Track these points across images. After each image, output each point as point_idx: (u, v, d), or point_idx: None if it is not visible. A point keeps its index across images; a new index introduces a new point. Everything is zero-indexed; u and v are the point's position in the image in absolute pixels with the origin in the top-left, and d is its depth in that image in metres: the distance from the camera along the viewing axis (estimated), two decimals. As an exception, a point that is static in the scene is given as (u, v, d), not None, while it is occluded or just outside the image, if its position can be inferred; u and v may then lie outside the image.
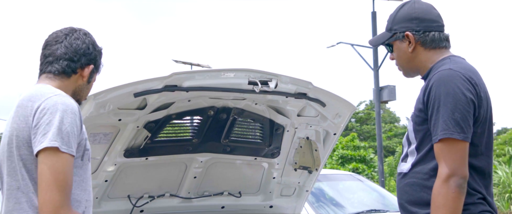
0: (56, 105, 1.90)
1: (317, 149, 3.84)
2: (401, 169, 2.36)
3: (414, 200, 2.29)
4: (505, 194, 13.72)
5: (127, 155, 3.40)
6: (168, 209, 3.82)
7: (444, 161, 2.16)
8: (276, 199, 4.09)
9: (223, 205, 3.98)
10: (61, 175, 1.84)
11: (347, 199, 8.02)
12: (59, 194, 1.83)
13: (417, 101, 2.34)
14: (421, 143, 2.28)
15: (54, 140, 1.85)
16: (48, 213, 1.82)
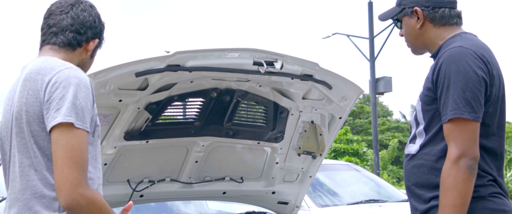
0: (69, 79, 1.81)
1: (322, 133, 3.75)
2: (409, 150, 2.27)
3: (422, 182, 2.22)
4: None
5: (127, 137, 3.29)
6: (168, 194, 3.72)
7: (453, 142, 2.09)
8: (279, 185, 3.99)
9: (225, 191, 3.88)
10: (77, 152, 1.75)
11: (344, 189, 7.94)
12: (76, 172, 1.74)
13: (426, 80, 2.26)
14: (430, 123, 2.20)
15: (68, 115, 1.76)
16: (67, 191, 1.73)
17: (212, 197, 3.94)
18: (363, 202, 7.29)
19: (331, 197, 7.58)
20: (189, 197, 3.84)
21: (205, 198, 3.98)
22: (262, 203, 4.10)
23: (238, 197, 3.99)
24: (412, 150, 2.25)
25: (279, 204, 4.08)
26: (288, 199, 4.06)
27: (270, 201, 4.05)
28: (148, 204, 3.84)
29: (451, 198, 2.07)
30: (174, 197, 3.78)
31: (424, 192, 2.23)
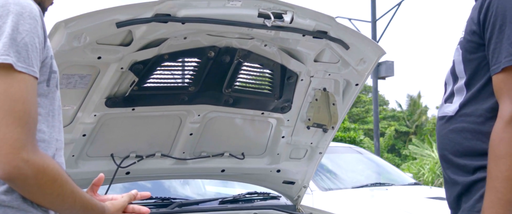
0: (7, 6, 1.33)
1: (335, 102, 3.27)
2: (445, 111, 1.93)
3: (463, 150, 1.86)
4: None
5: (109, 104, 2.80)
6: (158, 171, 3.24)
7: (508, 97, 1.71)
8: (285, 162, 3.51)
9: (224, 168, 3.40)
10: (19, 104, 1.30)
11: (348, 172, 7.51)
12: (18, 130, 1.29)
13: (468, 22, 1.86)
14: (474, 76, 1.84)
15: (5, 53, 1.29)
16: (5, 156, 1.27)
17: (209, 175, 3.46)
18: (368, 186, 6.86)
19: (335, 180, 7.14)
20: (183, 175, 3.36)
21: (201, 177, 3.50)
22: (265, 183, 3.62)
23: (238, 176, 3.52)
24: (449, 111, 1.91)
25: (285, 184, 3.61)
26: (294, 178, 3.59)
27: (274, 181, 3.58)
28: (135, 183, 3.35)
29: (504, 168, 1.70)
30: (165, 174, 3.30)
31: (467, 162, 1.85)
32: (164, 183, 3.77)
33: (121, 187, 3.32)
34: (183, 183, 3.96)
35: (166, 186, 3.78)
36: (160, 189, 3.70)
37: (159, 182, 3.69)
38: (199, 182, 4.13)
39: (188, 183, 4.07)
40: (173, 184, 3.84)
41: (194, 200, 3.46)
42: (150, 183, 3.58)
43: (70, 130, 2.78)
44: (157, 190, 3.63)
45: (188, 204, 3.33)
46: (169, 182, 3.80)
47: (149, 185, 3.57)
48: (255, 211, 3.43)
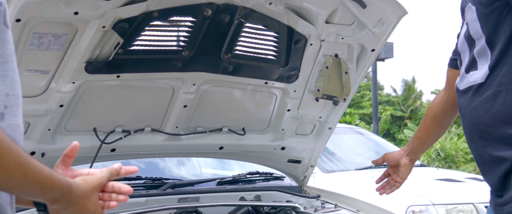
0: None
1: (348, 71, 2.89)
2: (470, 81, 1.68)
3: (505, 117, 1.58)
4: None
5: (90, 69, 2.42)
6: (148, 148, 2.87)
7: None
8: (290, 138, 3.15)
9: (222, 145, 3.03)
10: None
11: (350, 153, 7.17)
12: None
13: None
14: (495, 31, 1.58)
15: None
16: None
17: (205, 153, 3.09)
18: (372, 167, 6.51)
19: (337, 162, 6.80)
20: (176, 152, 2.99)
21: (197, 154, 3.13)
22: (268, 162, 3.26)
23: (238, 154, 3.15)
24: (477, 78, 1.65)
25: (290, 163, 3.25)
26: (301, 157, 3.23)
27: (278, 159, 3.22)
28: (122, 162, 2.98)
29: None
30: (156, 152, 2.93)
31: None
32: (155, 162, 3.40)
33: (101, 165, 2.94)
34: (176, 162, 3.59)
35: (157, 165, 3.41)
36: (151, 169, 3.34)
37: (149, 161, 3.32)
38: (194, 161, 3.76)
39: (182, 162, 3.70)
40: (166, 163, 3.47)
41: (189, 180, 3.10)
42: (139, 162, 3.21)
43: (44, 99, 2.41)
44: (147, 170, 3.26)
45: (182, 185, 2.97)
46: (161, 160, 3.43)
47: (138, 164, 3.20)
48: (257, 193, 3.07)
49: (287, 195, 3.14)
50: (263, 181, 3.33)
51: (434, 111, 2.23)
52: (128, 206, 2.66)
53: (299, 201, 3.16)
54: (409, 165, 2.33)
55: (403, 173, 2.35)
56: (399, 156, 2.34)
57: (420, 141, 2.31)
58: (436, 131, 2.27)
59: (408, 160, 2.33)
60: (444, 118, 2.21)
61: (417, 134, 2.31)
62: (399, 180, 2.38)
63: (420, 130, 2.30)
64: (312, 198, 3.21)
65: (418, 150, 2.33)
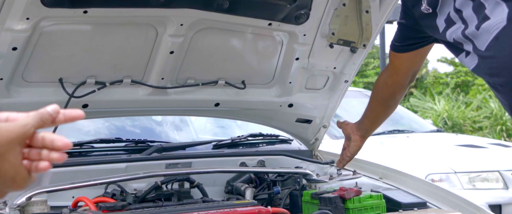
0: None
1: (369, 9, 2.39)
2: (492, 30, 1.63)
3: None
4: (496, 127, 13.30)
5: (48, 1, 1.92)
6: (128, 104, 2.38)
7: None
8: (299, 93, 2.66)
9: (218, 101, 2.55)
10: None
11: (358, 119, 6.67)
12: None
13: None
14: None
15: None
16: None
17: (197, 110, 2.60)
18: (385, 133, 6.03)
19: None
20: (162, 109, 2.51)
21: (187, 112, 2.64)
22: (273, 121, 2.78)
23: (237, 112, 2.67)
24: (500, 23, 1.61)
25: (299, 123, 2.77)
26: (311, 115, 2.74)
27: (285, 118, 2.73)
28: (95, 120, 2.51)
29: None
30: (137, 108, 2.44)
31: None
32: (137, 121, 2.91)
33: (78, 125, 2.47)
34: (163, 121, 3.10)
35: (140, 124, 2.93)
36: (132, 129, 2.86)
37: (130, 120, 2.84)
38: (189, 123, 3.28)
39: (176, 126, 3.22)
40: (152, 123, 2.99)
41: (179, 143, 2.62)
42: (117, 121, 2.72)
43: (-10, 40, 1.92)
44: (129, 130, 2.78)
45: (171, 148, 2.50)
46: (145, 119, 2.95)
47: (116, 123, 2.72)
48: (260, 158, 2.59)
49: (296, 160, 2.67)
50: (268, 144, 2.85)
51: (381, 96, 2.19)
52: (104, 174, 2.20)
53: (310, 167, 2.69)
54: (359, 141, 2.27)
55: (352, 149, 2.29)
56: (350, 130, 2.29)
57: (369, 120, 2.26)
58: (385, 112, 2.26)
59: (359, 136, 2.26)
60: (392, 101, 2.19)
61: (367, 113, 2.25)
62: (348, 154, 2.31)
63: (369, 110, 2.25)
64: (326, 164, 2.73)
65: (369, 129, 2.27)
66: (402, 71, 2.08)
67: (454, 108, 16.75)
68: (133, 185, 2.30)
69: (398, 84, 2.11)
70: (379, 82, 2.18)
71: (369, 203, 2.11)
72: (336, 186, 2.37)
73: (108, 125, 2.70)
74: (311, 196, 2.21)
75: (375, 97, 2.25)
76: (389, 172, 2.53)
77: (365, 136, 2.31)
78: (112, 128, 2.69)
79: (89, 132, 2.63)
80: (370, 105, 2.26)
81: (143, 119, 2.90)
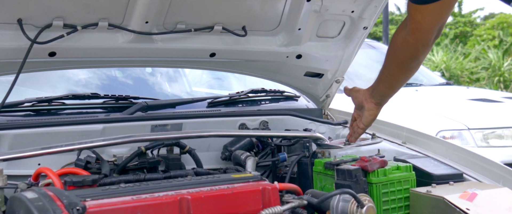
0: None
1: None
2: None
3: None
4: (494, 78, 13.16)
5: None
6: (106, 52, 1.97)
7: None
8: (309, 43, 2.26)
9: (214, 51, 2.14)
10: None
11: (365, 70, 6.27)
12: None
13: None
14: None
15: None
16: None
17: (189, 61, 2.20)
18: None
19: (350, 80, 5.92)
20: (147, 60, 2.10)
21: (177, 63, 2.23)
22: (278, 75, 2.39)
23: (236, 63, 2.27)
24: None
25: (308, 77, 2.38)
26: (323, 68, 2.35)
27: (292, 71, 2.35)
28: (66, 72, 2.10)
29: None
30: (117, 59, 2.03)
31: None
32: (118, 74, 2.51)
33: (44, 76, 2.07)
34: (159, 77, 2.70)
35: (121, 78, 2.52)
36: (112, 83, 2.45)
37: (109, 72, 2.43)
38: (179, 71, 2.87)
39: (168, 78, 2.82)
40: (135, 76, 2.58)
41: (167, 100, 2.23)
42: (92, 73, 2.32)
43: None
44: (108, 85, 2.38)
45: (157, 106, 2.11)
46: (127, 72, 2.54)
47: (91, 75, 2.32)
48: (262, 118, 2.21)
49: (304, 120, 2.29)
50: (271, 101, 2.47)
51: (400, 57, 1.78)
52: (77, 137, 1.82)
53: (320, 129, 2.32)
54: (374, 110, 1.92)
55: (366, 119, 1.93)
56: (362, 97, 1.93)
57: (386, 85, 1.88)
58: (405, 75, 1.86)
59: (373, 103, 1.92)
60: (414, 63, 1.79)
61: (382, 77, 1.87)
62: (361, 126, 1.95)
63: (385, 73, 1.86)
64: (338, 124, 2.36)
65: (385, 94, 1.91)
66: (426, 27, 1.64)
67: (452, 59, 16.41)
68: (112, 150, 1.93)
69: (421, 43, 1.70)
70: (397, 41, 1.76)
71: (396, 175, 1.74)
72: (353, 153, 2.01)
73: (82, 76, 2.29)
74: (324, 165, 1.84)
75: (393, 59, 1.82)
76: (414, 135, 2.16)
77: (380, 103, 1.92)
78: (86, 81, 2.28)
79: (62, 85, 2.23)
80: (386, 68, 1.84)
81: (128, 70, 2.50)
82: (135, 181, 1.65)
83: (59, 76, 2.16)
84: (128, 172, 1.87)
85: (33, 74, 2.00)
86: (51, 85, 2.22)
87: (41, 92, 2.04)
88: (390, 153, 2.02)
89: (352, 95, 1.95)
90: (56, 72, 2.17)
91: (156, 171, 1.91)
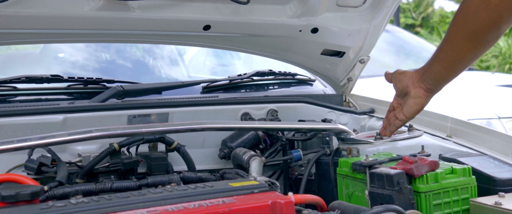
0: None
1: None
2: None
3: None
4: (505, 65, 12.68)
5: None
6: (66, 22, 1.53)
7: None
8: (327, 13, 1.81)
9: (208, 23, 1.69)
10: None
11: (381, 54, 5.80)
12: None
13: None
14: None
15: None
16: None
17: (176, 36, 1.75)
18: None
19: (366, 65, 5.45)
20: (120, 33, 1.65)
21: (160, 39, 1.77)
22: (289, 53, 1.94)
23: (236, 39, 1.83)
24: None
25: (326, 56, 1.93)
26: (344, 45, 1.90)
27: (306, 49, 1.90)
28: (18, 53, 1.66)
29: None
30: (81, 31, 1.59)
31: None
32: (84, 50, 2.06)
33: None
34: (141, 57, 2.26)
35: (90, 56, 2.08)
36: (81, 63, 2.01)
37: (74, 49, 1.99)
38: (176, 55, 2.43)
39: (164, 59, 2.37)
40: (112, 53, 2.14)
41: (149, 84, 1.78)
42: (56, 50, 1.88)
43: None
44: (73, 64, 1.94)
45: (137, 91, 1.67)
46: (98, 49, 2.10)
47: (52, 52, 1.88)
48: (271, 106, 1.78)
49: (322, 109, 1.86)
50: (280, 86, 2.03)
51: (474, 25, 1.32)
52: (28, 131, 1.39)
53: (342, 120, 1.88)
54: (422, 98, 1.46)
55: (411, 108, 1.47)
56: (409, 81, 1.47)
57: (444, 65, 1.40)
58: (475, 52, 1.38)
59: (423, 89, 1.45)
60: (490, 35, 1.33)
61: (440, 54, 1.40)
62: (401, 117, 1.50)
63: (444, 50, 1.39)
64: (363, 113, 1.92)
65: (441, 78, 1.42)
66: None
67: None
68: (77, 148, 1.50)
69: (509, 5, 1.22)
70: (471, 3, 1.30)
71: (451, 181, 1.30)
72: (386, 150, 1.57)
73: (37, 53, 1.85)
74: (352, 167, 1.40)
75: (462, 28, 1.33)
76: (462, 127, 1.72)
77: (432, 89, 1.45)
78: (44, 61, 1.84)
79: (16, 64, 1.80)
80: (448, 41, 1.36)
81: (108, 47, 2.06)
82: (97, 192, 1.22)
83: (12, 53, 1.72)
84: (97, 177, 1.45)
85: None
86: (4, 62, 1.79)
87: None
88: (434, 149, 1.57)
89: (395, 79, 1.49)
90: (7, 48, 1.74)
91: (134, 174, 1.48)
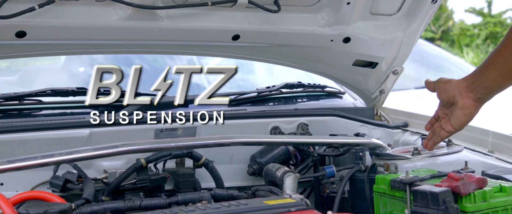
0: None
1: None
2: None
3: None
4: None
5: None
6: (93, 33, 1.48)
7: None
8: (360, 21, 1.74)
9: (237, 32, 1.64)
10: None
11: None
12: None
13: None
14: None
15: None
16: None
17: (205, 46, 1.69)
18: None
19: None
20: (147, 44, 1.60)
21: (188, 50, 1.71)
22: (319, 64, 1.87)
23: (265, 49, 1.77)
24: None
25: (358, 67, 1.86)
26: (377, 56, 1.83)
27: (337, 60, 1.84)
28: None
29: None
30: (108, 42, 1.54)
31: None
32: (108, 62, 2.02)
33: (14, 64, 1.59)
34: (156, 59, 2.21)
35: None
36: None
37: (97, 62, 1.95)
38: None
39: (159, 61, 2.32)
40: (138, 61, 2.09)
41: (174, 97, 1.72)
42: (80, 61, 1.83)
43: None
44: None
45: (164, 105, 1.61)
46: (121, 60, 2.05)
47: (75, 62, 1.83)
48: (301, 120, 1.71)
49: (354, 123, 1.78)
50: (310, 99, 1.96)
51: None
52: (54, 146, 1.34)
53: (375, 134, 1.80)
54: (471, 108, 1.38)
55: (459, 119, 1.40)
56: (456, 90, 1.39)
57: (499, 73, 1.31)
58: None
59: (472, 99, 1.38)
60: None
61: (495, 60, 1.32)
62: (448, 128, 1.42)
63: (500, 55, 1.31)
64: (396, 127, 1.84)
65: (493, 86, 1.35)
66: None
67: (483, 60, 15.86)
68: (103, 164, 1.45)
69: None
70: None
71: (500, 200, 1.21)
72: (425, 166, 1.49)
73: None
74: (390, 184, 1.32)
75: None
76: (504, 141, 1.63)
77: (482, 99, 1.37)
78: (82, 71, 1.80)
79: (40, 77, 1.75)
80: (505, 47, 1.29)
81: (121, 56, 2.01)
82: (126, 210, 1.16)
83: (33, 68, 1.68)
84: (124, 194, 1.39)
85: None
86: (26, 76, 1.75)
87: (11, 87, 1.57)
88: (476, 166, 1.49)
89: (440, 89, 1.42)
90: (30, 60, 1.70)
91: (161, 191, 1.42)
